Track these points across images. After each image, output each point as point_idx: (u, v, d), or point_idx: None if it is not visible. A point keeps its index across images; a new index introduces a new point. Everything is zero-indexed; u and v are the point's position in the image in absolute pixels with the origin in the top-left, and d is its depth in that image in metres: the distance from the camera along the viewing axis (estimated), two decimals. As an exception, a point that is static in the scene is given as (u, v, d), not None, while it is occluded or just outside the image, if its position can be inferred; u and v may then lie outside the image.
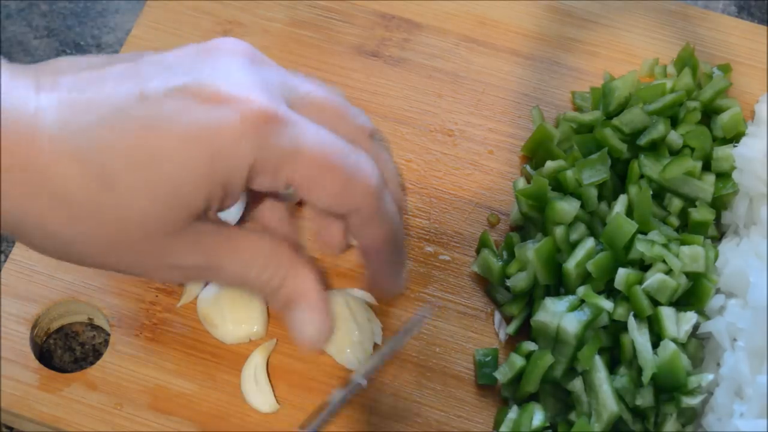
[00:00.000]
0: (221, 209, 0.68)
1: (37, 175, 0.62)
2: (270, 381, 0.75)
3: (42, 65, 0.64)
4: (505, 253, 0.80)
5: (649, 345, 0.73)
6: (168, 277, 0.70)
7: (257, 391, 0.75)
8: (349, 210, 0.68)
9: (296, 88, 0.69)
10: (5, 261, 0.79)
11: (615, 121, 0.81)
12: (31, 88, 0.62)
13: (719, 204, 0.81)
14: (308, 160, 0.66)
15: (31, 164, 0.62)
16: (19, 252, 0.78)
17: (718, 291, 0.77)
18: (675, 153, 0.82)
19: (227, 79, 0.64)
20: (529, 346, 0.75)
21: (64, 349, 0.79)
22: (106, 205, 0.63)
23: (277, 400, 0.74)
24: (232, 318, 0.76)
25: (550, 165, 0.81)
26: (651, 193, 0.78)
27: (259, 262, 0.71)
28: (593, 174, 0.79)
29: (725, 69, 0.88)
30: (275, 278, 0.72)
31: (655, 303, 0.74)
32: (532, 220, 0.80)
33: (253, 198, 0.72)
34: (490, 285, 0.80)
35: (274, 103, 0.64)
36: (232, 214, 0.71)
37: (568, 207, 0.77)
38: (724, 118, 0.84)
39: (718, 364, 0.74)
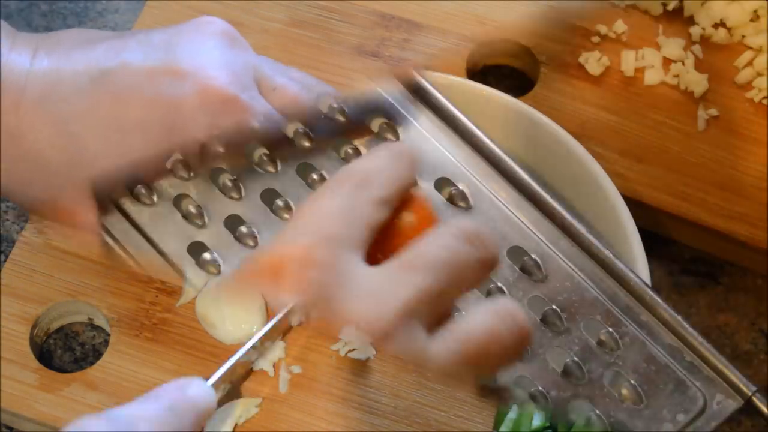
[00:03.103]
0: None
1: (20, 140, 0.65)
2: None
3: (47, 35, 0.67)
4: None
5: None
6: None
7: None
8: None
9: (270, 79, 0.69)
10: (5, 261, 0.79)
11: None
12: (29, 56, 0.65)
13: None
14: None
15: (16, 129, 0.64)
16: (19, 252, 0.78)
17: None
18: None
19: (197, 58, 0.66)
20: (529, 346, 0.75)
21: (64, 349, 0.79)
22: (77, 170, 0.65)
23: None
24: (232, 318, 0.76)
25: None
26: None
27: None
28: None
29: (725, 69, 0.88)
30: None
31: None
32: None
33: None
34: (490, 285, 0.80)
35: (237, 86, 0.66)
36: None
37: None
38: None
39: (718, 364, 0.74)
